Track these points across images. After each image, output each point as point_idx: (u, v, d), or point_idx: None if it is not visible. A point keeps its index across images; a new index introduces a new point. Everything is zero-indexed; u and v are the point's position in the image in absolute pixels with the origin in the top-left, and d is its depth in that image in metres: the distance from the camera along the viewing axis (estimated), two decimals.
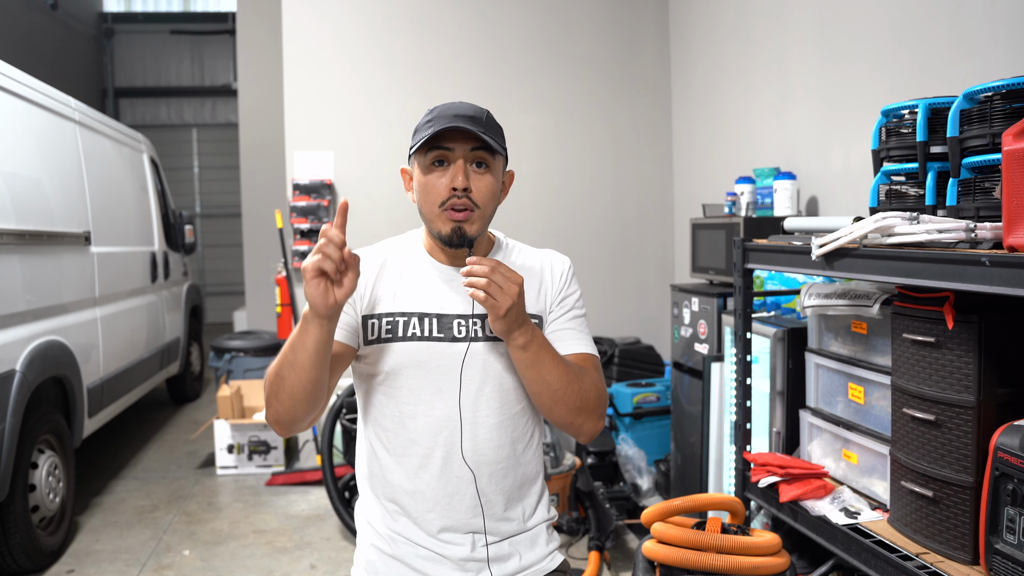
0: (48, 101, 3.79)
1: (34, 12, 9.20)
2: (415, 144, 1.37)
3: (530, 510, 1.46)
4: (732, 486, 2.52)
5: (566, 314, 1.46)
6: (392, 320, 1.39)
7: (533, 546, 1.45)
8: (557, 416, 1.37)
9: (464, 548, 1.39)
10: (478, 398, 1.38)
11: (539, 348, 1.31)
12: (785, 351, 2.36)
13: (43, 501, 3.26)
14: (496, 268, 1.24)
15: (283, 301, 4.42)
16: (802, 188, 3.23)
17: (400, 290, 1.41)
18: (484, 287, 1.23)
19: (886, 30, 2.70)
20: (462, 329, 1.38)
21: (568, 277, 1.49)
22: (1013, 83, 1.57)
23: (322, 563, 3.28)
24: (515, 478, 1.43)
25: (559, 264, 1.50)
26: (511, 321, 1.27)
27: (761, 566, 1.80)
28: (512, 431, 1.41)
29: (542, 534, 1.48)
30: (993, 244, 1.52)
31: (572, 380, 1.35)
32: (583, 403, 1.36)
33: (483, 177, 1.36)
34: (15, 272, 3.18)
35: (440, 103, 1.41)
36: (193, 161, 12.27)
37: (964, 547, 1.60)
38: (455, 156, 1.35)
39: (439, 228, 1.37)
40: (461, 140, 1.34)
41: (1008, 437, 1.45)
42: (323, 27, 4.43)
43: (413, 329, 1.38)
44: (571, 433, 1.41)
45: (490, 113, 1.40)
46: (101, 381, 4.05)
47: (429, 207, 1.37)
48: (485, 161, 1.37)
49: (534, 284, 1.45)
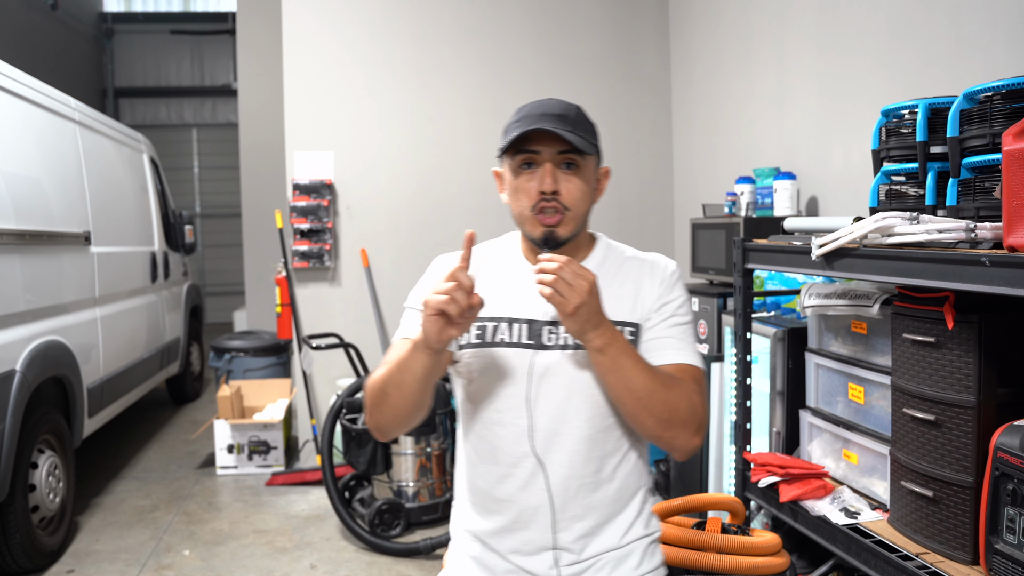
0: (48, 101, 3.79)
1: (34, 12, 9.20)
2: (503, 146, 1.34)
3: (624, 527, 1.37)
4: (732, 486, 2.52)
5: (665, 321, 1.37)
6: (482, 325, 1.36)
7: (620, 565, 1.36)
8: (644, 428, 1.30)
9: (545, 564, 1.33)
10: (566, 408, 1.32)
11: (619, 352, 1.24)
12: (785, 351, 2.36)
13: (43, 501, 3.26)
14: (565, 265, 1.19)
15: (283, 301, 4.42)
16: (802, 188, 3.23)
17: (493, 294, 1.36)
18: (551, 283, 1.18)
19: (886, 30, 2.70)
20: (552, 336, 1.34)
21: (670, 282, 1.40)
22: (1013, 83, 1.57)
23: (322, 563, 3.28)
24: (606, 494, 1.35)
25: (660, 270, 1.41)
26: (582, 320, 1.21)
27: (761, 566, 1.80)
28: (603, 445, 1.34)
29: (635, 552, 1.38)
30: (993, 244, 1.52)
31: (658, 389, 1.25)
32: (671, 415, 1.27)
33: (572, 178, 1.32)
34: (15, 272, 3.18)
35: (529, 101, 1.36)
36: (193, 161, 12.28)
37: (964, 547, 1.60)
38: (543, 158, 1.31)
39: (531, 231, 1.34)
40: (548, 142, 1.30)
41: (1008, 437, 1.45)
42: (323, 27, 4.43)
43: (501, 335, 1.35)
44: (664, 448, 1.33)
45: (580, 109, 1.35)
46: (101, 381, 4.05)
47: (520, 210, 1.34)
48: (575, 162, 1.32)
49: (630, 290, 1.38)
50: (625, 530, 1.37)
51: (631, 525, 1.38)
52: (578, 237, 1.38)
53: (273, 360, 5.41)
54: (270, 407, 4.76)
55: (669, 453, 1.35)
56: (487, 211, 4.61)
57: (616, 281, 1.38)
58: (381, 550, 3.34)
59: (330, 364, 4.42)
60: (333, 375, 4.46)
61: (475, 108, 4.57)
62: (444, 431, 3.75)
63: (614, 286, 1.36)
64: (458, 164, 4.55)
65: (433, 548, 3.27)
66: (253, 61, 6.90)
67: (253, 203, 7.08)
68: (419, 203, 4.54)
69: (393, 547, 3.33)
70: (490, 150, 5.02)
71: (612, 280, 1.38)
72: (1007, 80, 1.58)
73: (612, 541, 1.36)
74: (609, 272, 1.39)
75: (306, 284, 4.49)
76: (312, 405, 4.44)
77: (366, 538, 3.37)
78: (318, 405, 4.48)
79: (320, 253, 4.42)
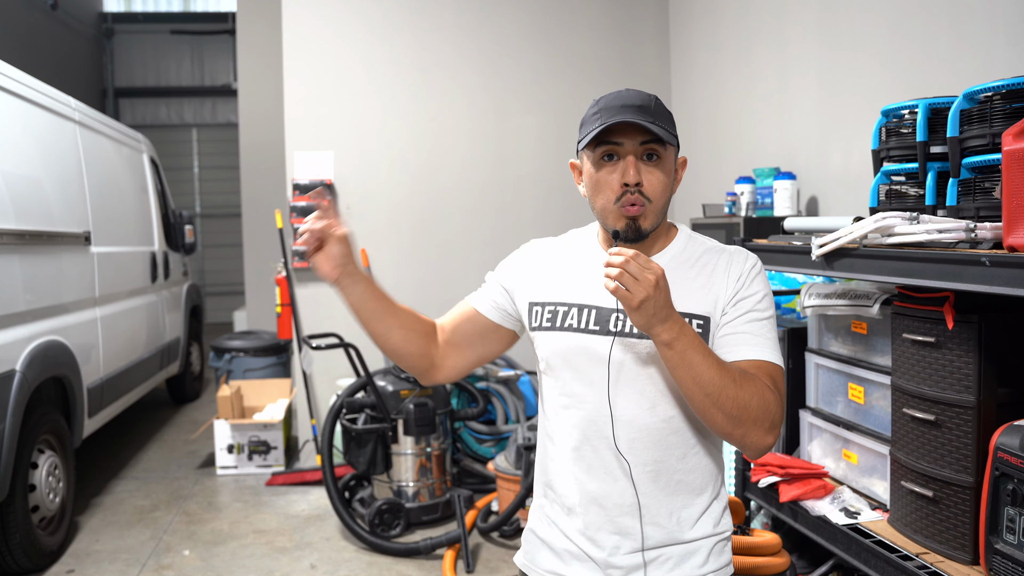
0: (48, 101, 3.79)
1: (34, 12, 9.20)
2: (584, 139, 1.31)
3: (690, 522, 1.34)
4: (732, 486, 2.52)
5: (741, 316, 1.33)
6: (553, 309, 1.38)
7: (684, 561, 1.34)
8: (714, 424, 1.26)
9: (605, 550, 1.33)
10: (628, 394, 1.32)
11: (687, 347, 1.20)
12: (785, 351, 2.36)
13: (43, 501, 3.26)
14: (632, 258, 1.16)
15: (283, 301, 4.42)
16: (802, 188, 3.23)
17: (566, 280, 1.39)
18: (617, 277, 1.16)
19: (886, 30, 2.70)
20: (618, 323, 1.33)
21: (748, 277, 1.35)
22: (1013, 83, 1.57)
23: (322, 563, 3.28)
24: (668, 484, 1.33)
25: (738, 263, 1.37)
26: (649, 315, 1.17)
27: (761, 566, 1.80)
28: (668, 435, 1.33)
29: (701, 550, 1.35)
30: (993, 244, 1.52)
31: (728, 386, 1.22)
32: (742, 412, 1.23)
33: (655, 170, 1.30)
34: (15, 272, 3.18)
35: (607, 92, 1.34)
36: (193, 161, 12.28)
37: (964, 547, 1.60)
38: (625, 151, 1.29)
39: (613, 224, 1.32)
40: (631, 133, 1.28)
41: (1008, 437, 1.45)
42: (323, 27, 4.43)
43: (571, 320, 1.36)
44: (736, 445, 1.30)
45: (659, 99, 1.33)
46: (101, 381, 4.05)
47: (602, 203, 1.32)
48: (656, 152, 1.30)
49: (703, 282, 1.35)
50: (692, 524, 1.34)
51: (697, 520, 1.35)
52: (658, 228, 1.36)
53: (273, 360, 5.41)
54: (270, 407, 4.75)
55: (742, 451, 1.33)
56: (487, 210, 4.62)
57: (691, 273, 1.36)
58: (381, 550, 3.34)
59: (330, 364, 4.42)
60: (333, 375, 4.45)
61: (475, 108, 4.57)
62: (444, 431, 3.75)
63: (688, 278, 1.34)
64: (458, 164, 4.55)
65: (433, 548, 3.27)
66: (253, 61, 6.90)
67: (253, 203, 7.08)
68: (419, 203, 4.54)
69: (393, 547, 3.33)
70: (489, 149, 5.03)
71: (687, 272, 1.36)
72: (1007, 80, 1.58)
73: (677, 534, 1.34)
74: (685, 264, 1.37)
75: (306, 284, 4.49)
76: (312, 405, 4.44)
77: (366, 538, 3.37)
78: (318, 405, 4.48)
79: None
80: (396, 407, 3.60)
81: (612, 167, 1.30)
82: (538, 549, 1.42)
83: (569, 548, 1.36)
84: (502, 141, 4.57)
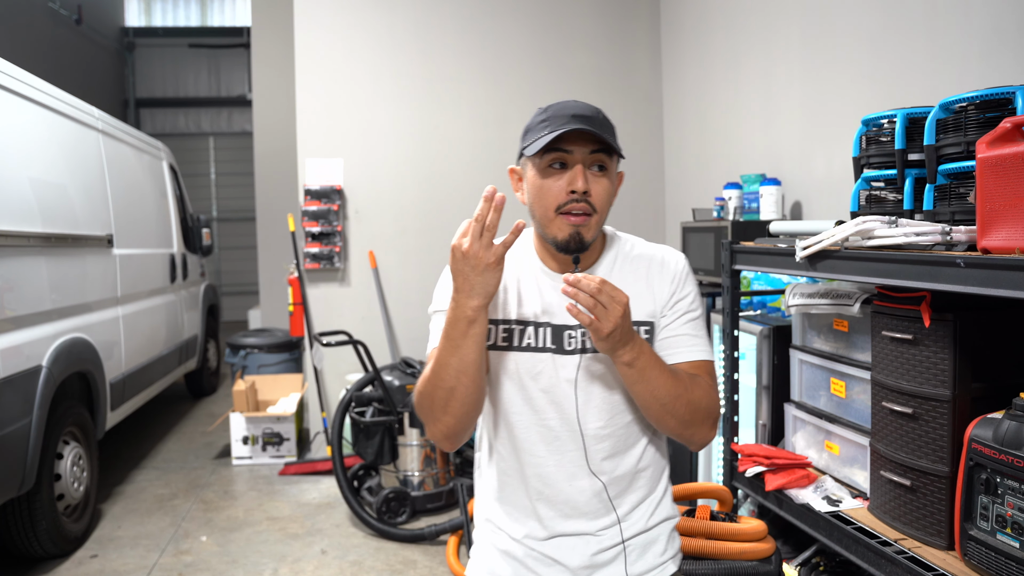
0: (73, 111, 3.79)
1: (59, 27, 9.20)
2: (528, 144, 1.25)
3: (647, 513, 1.34)
4: (720, 475, 2.52)
5: (679, 319, 1.32)
6: (508, 328, 1.30)
7: (647, 551, 1.33)
8: (667, 428, 1.27)
9: (576, 553, 1.30)
10: (586, 411, 1.28)
11: (646, 364, 1.19)
12: (771, 348, 2.36)
13: (68, 490, 3.26)
14: (602, 288, 1.12)
15: (295, 300, 4.43)
16: (787, 193, 3.23)
17: (513, 297, 1.30)
18: (591, 308, 1.11)
19: (866, 44, 2.70)
20: (572, 341, 1.28)
21: (681, 278, 1.34)
22: (986, 94, 1.57)
23: (332, 548, 3.28)
24: (635, 481, 1.33)
25: (671, 265, 1.35)
26: (615, 341, 1.15)
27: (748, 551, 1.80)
28: (627, 438, 1.31)
29: (660, 538, 1.35)
30: (967, 246, 1.52)
31: (682, 392, 1.23)
32: (693, 415, 1.25)
33: (601, 180, 1.24)
34: (41, 273, 3.18)
35: (554, 102, 1.29)
36: (210, 168, 12.27)
37: (940, 533, 1.60)
38: (574, 159, 1.23)
39: (554, 233, 1.25)
40: (581, 142, 1.22)
41: (982, 429, 1.45)
42: (333, 41, 4.43)
43: (528, 339, 1.29)
44: (682, 442, 1.31)
45: (602, 111, 1.28)
46: (123, 376, 4.05)
47: (544, 211, 1.25)
48: (603, 163, 1.25)
49: (643, 288, 1.32)
50: (650, 514, 1.34)
51: (655, 510, 1.35)
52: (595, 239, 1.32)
53: (286, 356, 5.42)
54: (283, 401, 4.76)
55: (687, 446, 1.33)
56: None
57: (630, 279, 1.33)
58: (388, 536, 3.34)
59: (339, 360, 4.42)
60: (342, 370, 4.46)
61: (477, 117, 4.57)
62: None
63: (627, 283, 1.30)
64: (461, 170, 4.55)
65: (437, 534, 3.27)
66: (267, 73, 6.90)
67: (267, 207, 7.08)
68: (424, 207, 4.54)
69: (400, 533, 3.33)
70: (491, 157, 5.03)
71: (626, 278, 1.33)
72: (981, 91, 1.58)
73: (641, 524, 1.33)
74: (625, 269, 1.35)
75: (317, 284, 4.49)
76: (323, 399, 4.44)
77: (374, 525, 3.37)
78: (328, 399, 4.48)
79: (330, 255, 4.42)
80: (402, 400, 3.60)
81: (559, 175, 1.24)
82: (499, 564, 1.34)
83: (532, 555, 1.31)
84: (503, 149, 4.57)
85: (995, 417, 1.45)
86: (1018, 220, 1.30)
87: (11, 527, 2.97)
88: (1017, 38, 2.06)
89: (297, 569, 3.09)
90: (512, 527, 1.33)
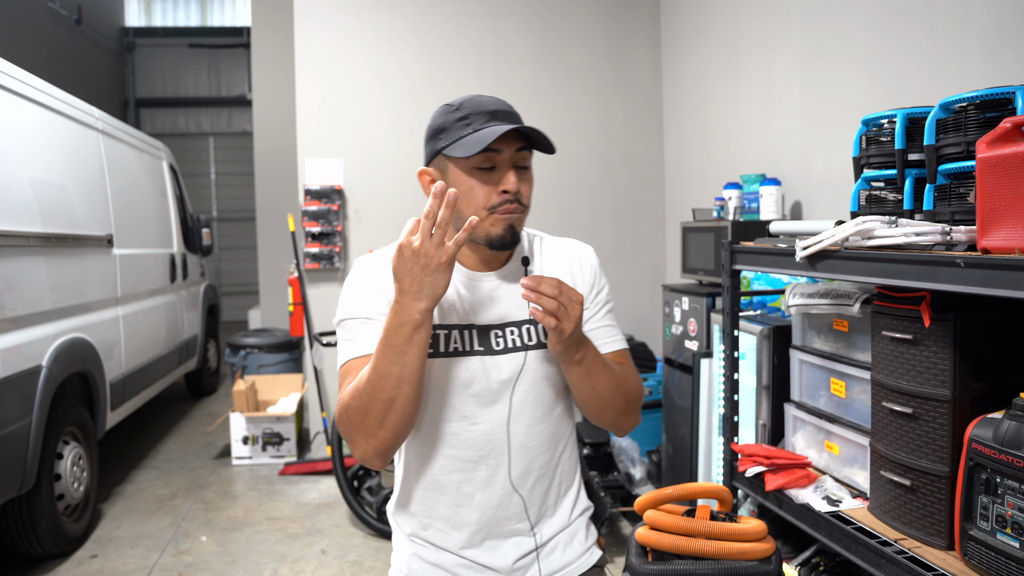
0: (73, 111, 3.79)
1: (60, 27, 9.19)
2: (451, 144, 1.20)
3: (569, 506, 1.36)
4: (720, 475, 2.52)
5: (601, 310, 1.34)
6: (433, 334, 1.23)
7: (571, 543, 1.35)
8: (603, 420, 1.28)
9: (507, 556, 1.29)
10: (521, 410, 1.27)
11: (592, 361, 1.20)
12: (771, 348, 2.35)
13: (68, 490, 3.26)
14: (561, 288, 1.10)
15: (295, 300, 4.42)
16: (787, 193, 3.23)
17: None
18: (553, 310, 1.09)
19: (866, 44, 2.70)
20: (499, 341, 1.26)
21: (598, 270, 1.36)
22: (986, 94, 1.57)
23: (332, 548, 3.28)
24: (557, 477, 1.33)
25: (588, 258, 1.36)
26: (572, 341, 1.14)
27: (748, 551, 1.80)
28: (554, 435, 1.31)
29: (581, 529, 1.37)
30: (967, 246, 1.52)
31: (620, 385, 1.25)
32: (628, 405, 1.28)
33: (527, 176, 1.23)
34: (41, 273, 3.18)
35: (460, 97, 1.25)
36: (210, 168, 12.27)
37: (940, 533, 1.60)
38: (503, 158, 1.19)
39: (487, 230, 1.21)
40: (508, 140, 1.19)
41: (981, 429, 1.45)
42: (333, 41, 4.43)
43: (455, 343, 1.24)
44: (612, 431, 1.32)
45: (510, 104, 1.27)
46: (123, 376, 4.05)
47: (474, 211, 1.20)
48: (526, 159, 1.23)
49: (569, 283, 1.28)
50: (572, 507, 1.37)
51: (575, 502, 1.38)
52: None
53: (286, 356, 5.41)
54: (283, 401, 4.75)
55: (615, 434, 1.36)
56: None
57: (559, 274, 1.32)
58: (388, 536, 3.34)
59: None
60: None
61: None
62: None
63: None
64: None
65: None
66: (267, 73, 6.90)
67: (267, 207, 7.08)
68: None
69: None
70: None
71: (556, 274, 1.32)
72: (981, 91, 1.58)
73: (565, 520, 1.35)
74: (552, 263, 1.34)
75: (317, 284, 4.49)
76: (323, 399, 4.44)
77: (374, 525, 3.37)
78: (328, 399, 4.48)
79: (330, 255, 4.42)
80: None
81: (487, 175, 1.20)
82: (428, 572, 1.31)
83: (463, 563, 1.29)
84: None
85: (995, 417, 1.45)
86: (1018, 220, 1.30)
87: (11, 527, 2.97)
88: (1017, 38, 2.06)
89: (297, 569, 3.08)
90: (439, 538, 1.30)
